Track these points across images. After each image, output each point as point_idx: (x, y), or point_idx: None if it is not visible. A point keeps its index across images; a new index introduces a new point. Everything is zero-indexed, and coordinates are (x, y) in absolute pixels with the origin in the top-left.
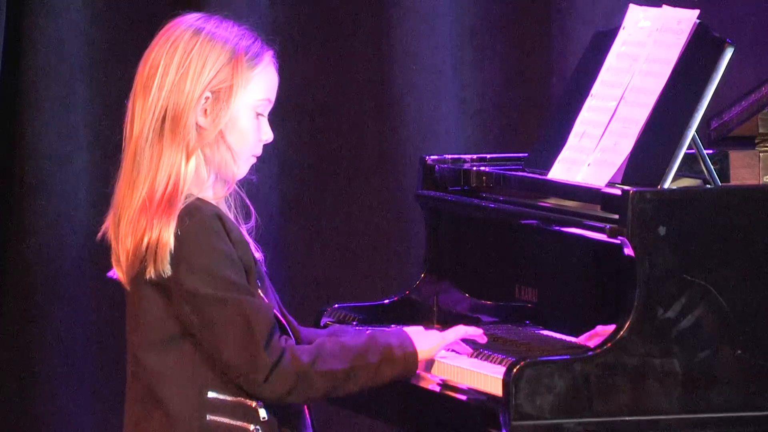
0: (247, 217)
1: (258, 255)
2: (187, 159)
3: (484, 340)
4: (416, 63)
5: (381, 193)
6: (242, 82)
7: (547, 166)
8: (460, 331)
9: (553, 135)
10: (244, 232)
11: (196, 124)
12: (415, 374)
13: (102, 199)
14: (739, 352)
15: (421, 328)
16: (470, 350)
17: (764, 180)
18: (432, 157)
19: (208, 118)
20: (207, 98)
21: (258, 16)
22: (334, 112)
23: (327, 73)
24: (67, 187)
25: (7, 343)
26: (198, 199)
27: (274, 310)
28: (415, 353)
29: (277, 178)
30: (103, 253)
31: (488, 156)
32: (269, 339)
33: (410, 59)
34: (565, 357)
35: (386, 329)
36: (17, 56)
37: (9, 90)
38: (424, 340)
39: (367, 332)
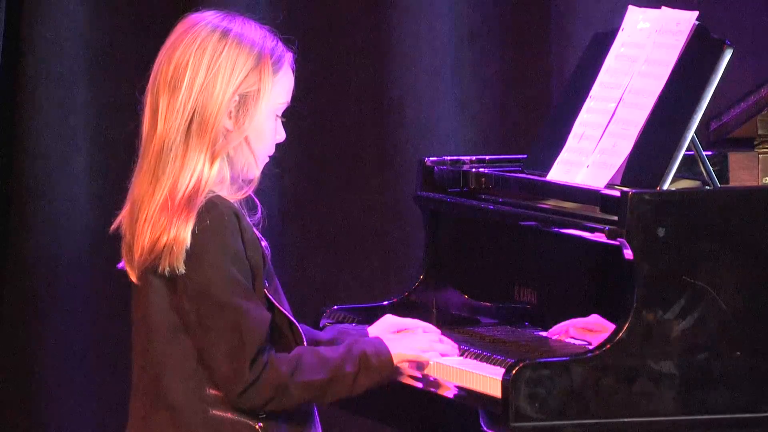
0: (251, 208)
1: (263, 243)
2: (212, 162)
3: (455, 353)
4: (415, 64)
5: (380, 194)
6: (268, 86)
7: (546, 167)
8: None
9: (552, 136)
10: (253, 228)
11: (223, 127)
12: (397, 377)
13: (100, 200)
14: (738, 353)
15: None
16: (457, 351)
17: (763, 181)
18: (431, 158)
19: (233, 121)
20: (235, 102)
21: (256, 18)
22: (333, 113)
23: (326, 75)
24: (66, 188)
25: (7, 343)
26: (216, 195)
27: (285, 310)
28: (390, 359)
29: (275, 179)
30: (101, 253)
31: (487, 157)
32: (256, 356)
33: (409, 61)
34: (565, 358)
35: (364, 338)
36: (16, 58)
37: (8, 91)
38: (399, 343)
39: (345, 342)
